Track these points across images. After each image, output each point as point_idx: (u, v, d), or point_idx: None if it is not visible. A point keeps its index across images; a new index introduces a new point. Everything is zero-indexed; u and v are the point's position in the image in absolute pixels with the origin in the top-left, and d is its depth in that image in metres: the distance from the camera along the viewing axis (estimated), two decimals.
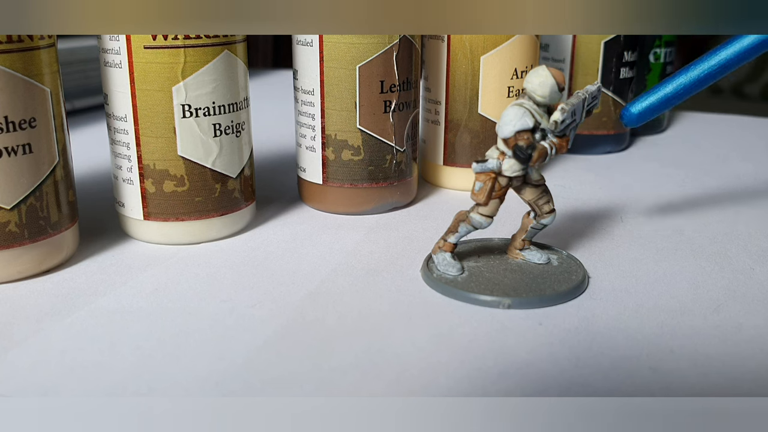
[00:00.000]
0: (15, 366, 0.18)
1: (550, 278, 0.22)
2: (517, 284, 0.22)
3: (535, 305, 0.21)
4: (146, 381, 0.17)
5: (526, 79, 0.21)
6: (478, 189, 0.22)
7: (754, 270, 0.24)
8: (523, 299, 0.21)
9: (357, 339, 0.19)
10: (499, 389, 0.17)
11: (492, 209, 0.22)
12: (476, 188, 0.22)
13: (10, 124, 0.21)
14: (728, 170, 0.36)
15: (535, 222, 0.23)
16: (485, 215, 0.22)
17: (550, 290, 0.21)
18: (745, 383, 0.17)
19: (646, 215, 0.29)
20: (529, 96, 0.21)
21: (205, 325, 0.20)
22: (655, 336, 0.19)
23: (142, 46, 0.23)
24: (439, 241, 0.23)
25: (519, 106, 0.21)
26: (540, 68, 0.21)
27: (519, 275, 0.22)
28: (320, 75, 0.27)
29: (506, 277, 0.22)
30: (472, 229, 0.22)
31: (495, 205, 0.22)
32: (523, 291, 0.21)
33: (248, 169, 0.27)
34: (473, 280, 0.22)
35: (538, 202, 0.22)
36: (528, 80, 0.21)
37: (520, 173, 0.22)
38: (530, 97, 0.21)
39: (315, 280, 0.23)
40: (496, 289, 0.21)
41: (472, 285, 0.22)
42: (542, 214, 0.23)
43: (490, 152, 0.22)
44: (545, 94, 0.21)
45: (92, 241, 0.26)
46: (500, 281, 0.22)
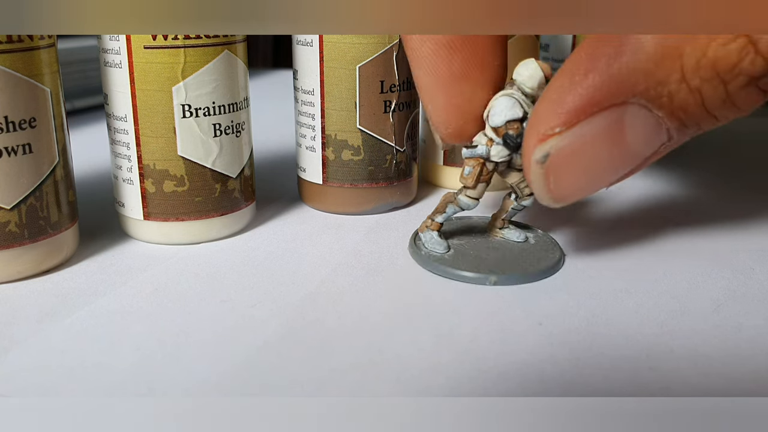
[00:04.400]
0: (15, 366, 0.18)
1: (531, 256, 0.24)
2: (500, 261, 0.23)
3: (519, 281, 0.22)
4: (146, 381, 0.17)
5: (516, 70, 0.22)
6: (467, 173, 0.23)
7: (754, 270, 0.24)
8: (509, 276, 0.22)
9: (357, 339, 0.19)
10: (500, 389, 0.17)
11: (479, 192, 0.23)
12: (465, 172, 0.23)
13: (10, 124, 0.21)
14: (728, 170, 0.36)
15: (516, 203, 0.24)
16: (473, 197, 0.23)
17: (532, 267, 0.23)
18: (745, 383, 0.17)
19: (646, 215, 0.29)
20: (518, 87, 0.22)
21: (205, 325, 0.20)
22: (655, 336, 0.19)
23: (142, 46, 0.23)
24: (426, 220, 0.24)
25: (509, 96, 0.22)
26: (530, 61, 0.22)
27: (501, 253, 0.24)
28: (320, 75, 0.27)
29: (489, 255, 0.24)
30: (458, 210, 0.24)
31: (482, 188, 0.23)
32: (507, 268, 0.23)
33: (248, 169, 0.27)
34: (459, 258, 0.23)
35: (519, 185, 0.24)
36: (518, 72, 0.22)
37: (506, 159, 0.23)
38: (519, 88, 0.22)
39: (315, 280, 0.23)
40: (482, 266, 0.23)
41: (459, 262, 0.23)
42: (523, 196, 0.24)
43: (478, 138, 0.23)
44: (534, 86, 0.22)
45: (92, 241, 0.26)
46: (484, 258, 0.23)
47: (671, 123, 0.18)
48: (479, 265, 0.23)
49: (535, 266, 0.23)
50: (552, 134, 0.19)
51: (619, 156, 0.19)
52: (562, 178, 0.19)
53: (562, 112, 0.18)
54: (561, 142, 0.19)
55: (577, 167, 0.19)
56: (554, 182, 0.19)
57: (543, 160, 0.19)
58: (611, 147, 0.19)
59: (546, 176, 0.19)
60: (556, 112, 0.18)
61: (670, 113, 0.18)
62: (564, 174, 0.19)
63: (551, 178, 0.19)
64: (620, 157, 0.19)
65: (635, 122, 0.18)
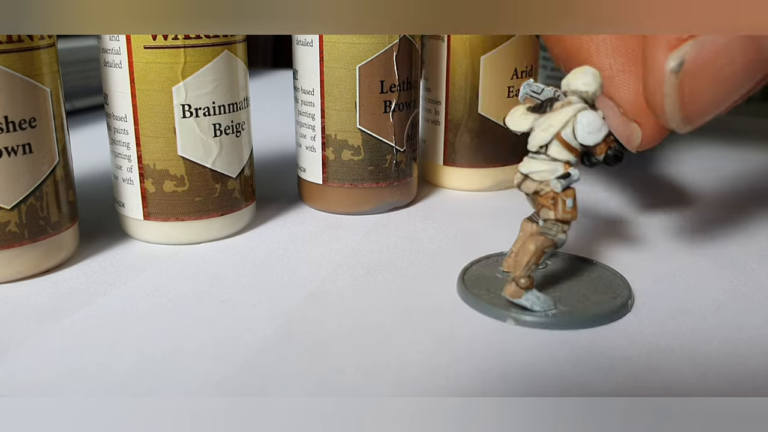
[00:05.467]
0: (15, 366, 0.18)
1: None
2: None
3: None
4: (146, 381, 0.17)
5: (574, 81, 0.19)
6: (570, 206, 0.20)
7: (754, 270, 0.24)
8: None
9: (357, 339, 0.19)
10: (500, 389, 0.17)
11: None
12: (568, 206, 0.20)
13: (10, 124, 0.21)
14: (728, 169, 0.36)
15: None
16: (567, 231, 0.20)
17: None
18: (745, 383, 0.17)
19: (646, 215, 0.29)
20: (586, 99, 0.19)
21: (205, 325, 0.20)
22: (655, 336, 0.19)
23: (142, 46, 0.23)
24: (519, 280, 0.20)
25: (590, 110, 0.19)
26: (585, 68, 0.20)
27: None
28: (320, 75, 0.27)
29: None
30: (551, 252, 0.20)
31: None
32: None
33: (248, 169, 0.27)
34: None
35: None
36: (585, 82, 0.19)
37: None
38: (582, 98, 0.20)
39: (315, 280, 0.23)
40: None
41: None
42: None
43: (554, 166, 0.20)
44: (597, 92, 0.20)
45: (92, 241, 0.26)
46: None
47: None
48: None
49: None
50: (684, 39, 0.17)
51: (753, 60, 0.17)
52: (698, 87, 0.17)
53: None
54: (695, 46, 0.17)
55: (712, 74, 0.17)
56: (689, 94, 0.18)
57: (678, 68, 0.17)
58: (746, 49, 0.17)
59: (681, 87, 0.18)
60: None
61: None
62: (700, 83, 0.17)
63: (687, 89, 0.18)
64: (754, 61, 0.17)
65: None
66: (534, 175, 0.20)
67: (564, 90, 0.20)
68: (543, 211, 0.20)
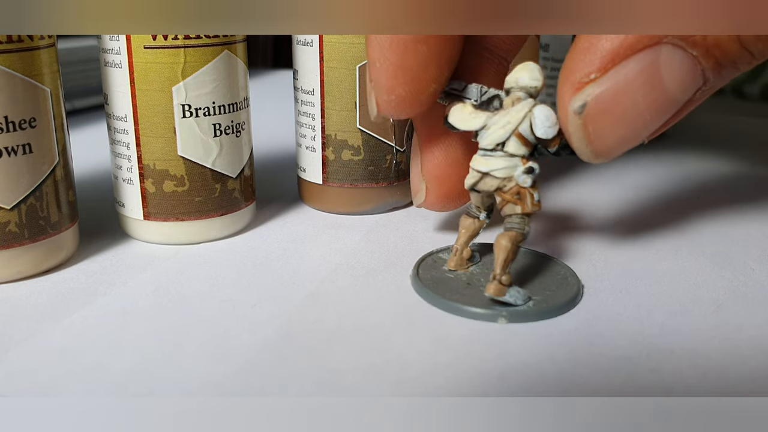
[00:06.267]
0: (15, 366, 0.18)
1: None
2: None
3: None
4: (146, 381, 0.17)
5: (519, 76, 0.20)
6: (537, 199, 0.20)
7: (754, 270, 0.24)
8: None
9: (357, 339, 0.19)
10: (499, 389, 0.17)
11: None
12: (536, 199, 0.20)
13: (10, 124, 0.21)
14: (728, 170, 0.36)
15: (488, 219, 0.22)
16: (530, 224, 0.21)
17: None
18: (745, 383, 0.17)
19: (646, 215, 0.29)
20: (532, 94, 0.20)
21: (205, 325, 0.20)
22: (655, 336, 0.19)
23: (142, 46, 0.23)
24: (500, 278, 0.20)
25: (543, 104, 0.20)
26: (528, 64, 0.20)
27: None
28: (320, 75, 0.27)
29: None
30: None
31: None
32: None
33: (248, 169, 0.27)
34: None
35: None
36: (536, 77, 0.20)
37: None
38: (531, 95, 0.20)
39: (315, 280, 0.23)
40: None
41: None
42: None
43: (514, 161, 0.20)
44: (539, 87, 0.20)
45: (92, 241, 0.26)
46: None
47: (706, 62, 0.17)
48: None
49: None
50: (588, 81, 0.18)
51: (657, 101, 0.18)
52: (601, 127, 0.18)
53: (596, 57, 0.18)
54: (597, 88, 0.18)
55: (615, 115, 0.18)
56: (594, 133, 0.19)
57: (580, 110, 0.18)
58: (649, 91, 0.18)
59: (585, 127, 0.18)
60: (589, 59, 0.18)
61: (705, 52, 0.17)
62: (603, 123, 0.18)
63: (590, 129, 0.18)
64: (658, 102, 0.18)
65: (671, 63, 0.18)
66: (496, 172, 0.20)
67: (508, 87, 0.20)
68: (508, 207, 0.20)
